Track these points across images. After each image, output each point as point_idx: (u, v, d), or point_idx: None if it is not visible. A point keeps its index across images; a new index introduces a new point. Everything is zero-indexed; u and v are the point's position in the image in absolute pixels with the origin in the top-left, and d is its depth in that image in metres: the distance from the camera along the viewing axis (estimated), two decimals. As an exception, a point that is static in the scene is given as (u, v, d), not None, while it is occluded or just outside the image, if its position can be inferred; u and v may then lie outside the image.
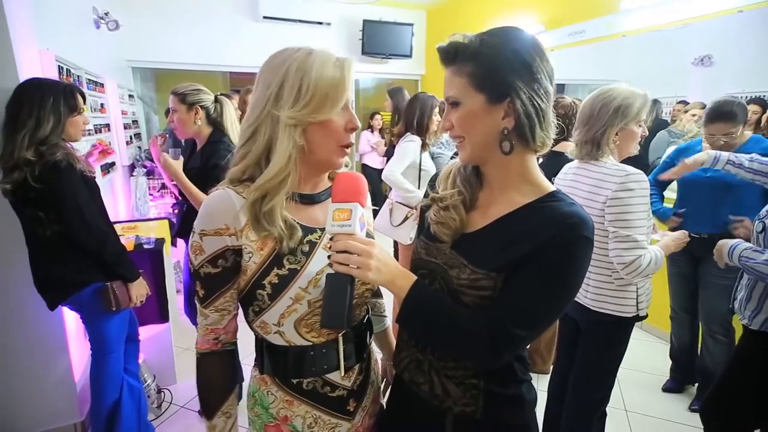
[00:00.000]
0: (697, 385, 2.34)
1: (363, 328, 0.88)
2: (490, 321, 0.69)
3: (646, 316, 1.50)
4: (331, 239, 0.70)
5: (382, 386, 1.03)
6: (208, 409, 0.83)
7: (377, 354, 1.02)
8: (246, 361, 0.99)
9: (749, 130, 2.19)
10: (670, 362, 2.46)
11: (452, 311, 0.72)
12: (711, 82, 3.17)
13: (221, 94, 2.10)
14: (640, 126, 1.44)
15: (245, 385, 0.95)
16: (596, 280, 1.48)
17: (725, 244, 1.50)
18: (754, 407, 1.50)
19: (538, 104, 0.70)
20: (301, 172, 0.78)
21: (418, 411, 0.84)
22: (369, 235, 0.88)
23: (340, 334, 0.81)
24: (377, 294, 1.05)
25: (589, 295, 1.49)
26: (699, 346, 2.32)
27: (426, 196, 0.88)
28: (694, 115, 3.18)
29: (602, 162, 1.44)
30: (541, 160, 2.63)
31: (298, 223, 0.78)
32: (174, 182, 1.91)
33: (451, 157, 2.72)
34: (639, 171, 1.37)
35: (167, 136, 2.36)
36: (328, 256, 0.69)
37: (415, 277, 0.73)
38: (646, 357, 2.75)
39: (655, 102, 4.04)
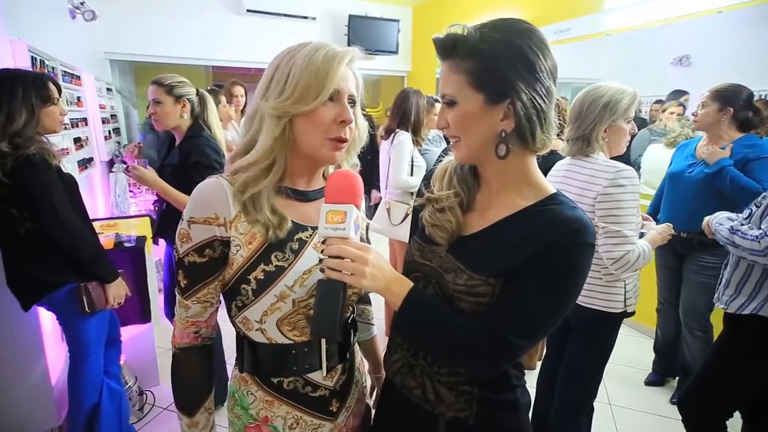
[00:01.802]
0: (678, 378, 2.40)
1: (347, 328, 0.86)
2: (489, 330, 0.67)
3: (633, 313, 1.52)
4: (323, 242, 0.67)
5: (372, 399, 1.00)
6: (189, 406, 0.80)
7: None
8: (231, 361, 0.96)
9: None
10: (653, 356, 2.51)
11: (449, 320, 0.69)
12: (689, 82, 3.24)
13: (209, 89, 2.05)
14: (628, 123, 1.46)
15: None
16: None
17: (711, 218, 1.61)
18: (731, 398, 1.54)
19: (540, 105, 0.67)
20: (293, 166, 0.76)
21: (409, 416, 0.81)
22: (362, 238, 0.86)
23: None
24: (365, 301, 1.03)
25: None
26: (683, 339, 2.38)
27: (420, 194, 0.84)
28: (672, 113, 3.24)
29: (593, 158, 1.46)
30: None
31: (290, 220, 0.75)
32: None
33: (441, 153, 2.71)
34: (629, 167, 1.38)
35: (142, 145, 2.28)
36: (320, 260, 0.66)
37: (411, 284, 0.71)
38: (630, 351, 2.80)
39: (634, 100, 4.12)
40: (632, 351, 2.81)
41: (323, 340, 0.79)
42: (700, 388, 1.61)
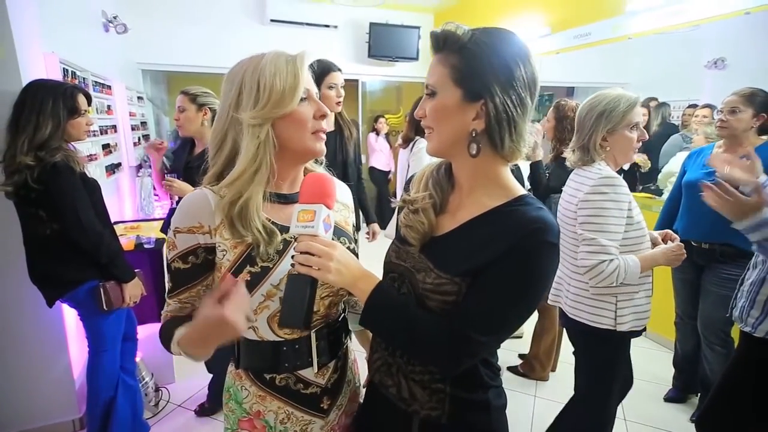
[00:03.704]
0: (699, 395, 2.28)
1: (337, 326, 0.89)
2: (451, 327, 0.69)
3: (636, 333, 1.43)
4: (295, 240, 0.71)
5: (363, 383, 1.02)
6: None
7: (357, 353, 1.02)
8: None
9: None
10: (672, 371, 2.41)
11: (413, 316, 0.71)
12: (725, 85, 3.09)
13: None
14: (633, 130, 1.39)
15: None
16: (574, 287, 1.45)
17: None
18: (750, 418, 1.45)
19: (511, 113, 0.69)
20: (278, 170, 0.79)
21: (387, 414, 0.83)
22: (346, 235, 0.89)
23: (313, 331, 0.82)
24: None
25: (568, 301, 1.48)
26: (703, 355, 2.27)
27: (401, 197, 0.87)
28: (705, 117, 3.11)
29: (592, 167, 1.41)
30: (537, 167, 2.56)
31: (274, 222, 0.78)
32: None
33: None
34: (617, 176, 1.34)
35: (165, 143, 2.44)
36: (292, 256, 0.70)
37: (378, 280, 0.73)
38: (648, 365, 2.69)
39: (663, 105, 3.97)
40: (651, 365, 2.70)
41: (313, 337, 0.82)
42: (719, 406, 1.53)
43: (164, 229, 2.22)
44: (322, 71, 2.08)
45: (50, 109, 1.55)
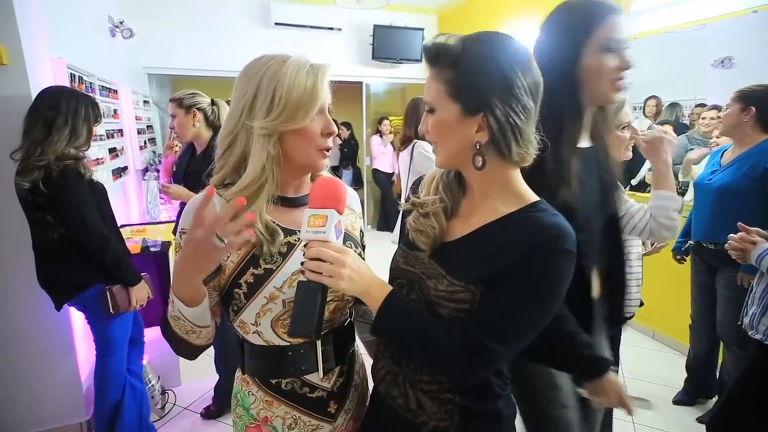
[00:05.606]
0: (715, 400, 2.25)
1: (344, 331, 0.88)
2: (466, 336, 0.67)
3: None
4: (305, 245, 0.69)
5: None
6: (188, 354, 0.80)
7: (365, 356, 1.01)
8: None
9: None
10: (683, 374, 2.38)
11: (427, 325, 0.69)
12: (733, 85, 3.06)
13: (228, 101, 2.16)
14: (623, 129, 1.44)
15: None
16: None
17: (758, 245, 1.39)
18: (758, 426, 1.43)
19: (514, 121, 0.66)
20: (282, 178, 0.79)
21: (393, 424, 0.81)
22: (352, 240, 0.87)
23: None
24: None
25: None
26: (719, 359, 2.24)
27: (408, 200, 0.85)
28: (714, 119, 3.07)
29: None
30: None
31: (278, 225, 0.78)
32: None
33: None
34: None
35: (178, 144, 2.46)
36: (302, 263, 0.68)
37: (391, 288, 0.71)
38: (658, 367, 2.67)
39: (675, 105, 3.95)
40: (661, 367, 2.67)
41: (319, 343, 0.81)
42: (728, 412, 1.51)
43: (176, 231, 2.23)
44: (593, 15, 0.96)
45: (84, 115, 1.61)
